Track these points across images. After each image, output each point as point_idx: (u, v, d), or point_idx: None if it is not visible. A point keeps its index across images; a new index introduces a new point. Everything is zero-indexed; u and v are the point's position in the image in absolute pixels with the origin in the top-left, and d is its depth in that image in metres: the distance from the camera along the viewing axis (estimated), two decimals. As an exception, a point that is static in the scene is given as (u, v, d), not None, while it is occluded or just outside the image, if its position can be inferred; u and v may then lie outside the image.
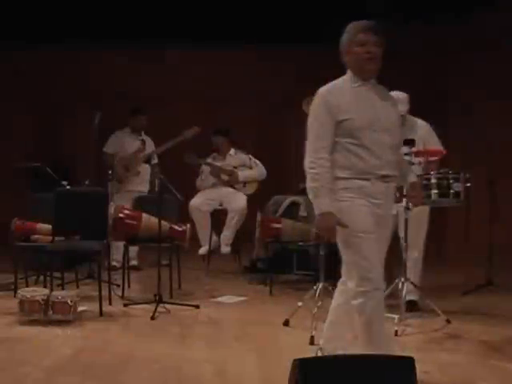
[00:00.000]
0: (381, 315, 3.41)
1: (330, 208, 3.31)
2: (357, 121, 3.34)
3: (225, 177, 7.25)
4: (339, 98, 3.39)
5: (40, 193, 6.23)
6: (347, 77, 3.49)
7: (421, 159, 4.95)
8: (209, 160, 7.34)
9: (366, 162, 3.35)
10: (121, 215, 5.86)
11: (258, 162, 7.35)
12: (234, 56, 9.89)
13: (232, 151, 7.44)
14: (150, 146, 7.40)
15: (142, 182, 7.31)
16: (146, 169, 7.25)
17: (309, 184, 3.38)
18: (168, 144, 7.19)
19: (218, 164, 7.29)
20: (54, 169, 6.55)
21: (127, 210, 6.04)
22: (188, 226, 6.03)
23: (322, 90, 3.46)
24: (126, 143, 7.36)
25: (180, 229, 5.95)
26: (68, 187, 6.27)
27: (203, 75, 10.01)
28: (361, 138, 3.34)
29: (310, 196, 3.38)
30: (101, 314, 5.09)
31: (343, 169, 3.37)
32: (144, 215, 5.92)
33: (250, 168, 7.31)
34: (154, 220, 5.66)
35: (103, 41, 9.07)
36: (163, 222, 5.55)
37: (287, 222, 6.21)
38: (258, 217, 6.13)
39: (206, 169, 7.35)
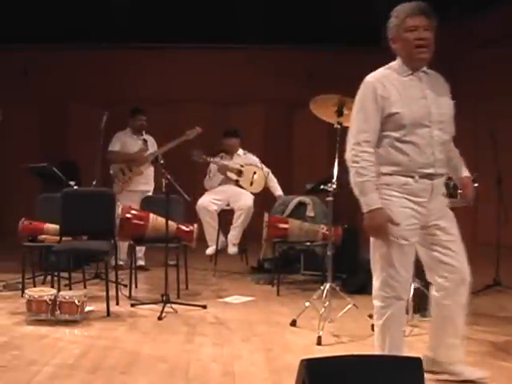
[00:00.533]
0: (398, 325, 3.22)
1: (379, 203, 3.07)
2: (405, 116, 3.10)
3: (232, 175, 7.26)
4: (389, 88, 3.13)
5: (47, 193, 6.25)
6: (396, 65, 3.22)
7: None
8: (216, 159, 7.34)
9: (412, 160, 3.12)
10: (128, 215, 5.86)
11: (270, 173, 7.38)
12: (236, 56, 9.90)
13: (240, 151, 7.47)
14: (153, 146, 7.42)
15: (145, 182, 7.34)
16: (149, 168, 7.27)
17: (354, 179, 3.12)
18: (170, 144, 7.23)
19: (225, 163, 7.30)
20: (61, 169, 6.55)
21: (135, 210, 6.05)
22: (195, 226, 6.04)
23: (370, 78, 3.19)
24: (128, 144, 7.38)
25: (187, 229, 5.96)
26: (75, 187, 6.29)
27: (205, 75, 10.03)
28: (408, 134, 3.10)
29: (356, 192, 3.13)
30: (108, 314, 5.09)
31: (386, 165, 3.15)
32: (151, 215, 5.92)
33: (262, 169, 7.34)
34: (161, 220, 5.67)
35: (105, 41, 9.12)
36: (170, 222, 5.55)
37: (294, 223, 6.20)
38: (265, 217, 6.12)
39: (213, 168, 7.36)
